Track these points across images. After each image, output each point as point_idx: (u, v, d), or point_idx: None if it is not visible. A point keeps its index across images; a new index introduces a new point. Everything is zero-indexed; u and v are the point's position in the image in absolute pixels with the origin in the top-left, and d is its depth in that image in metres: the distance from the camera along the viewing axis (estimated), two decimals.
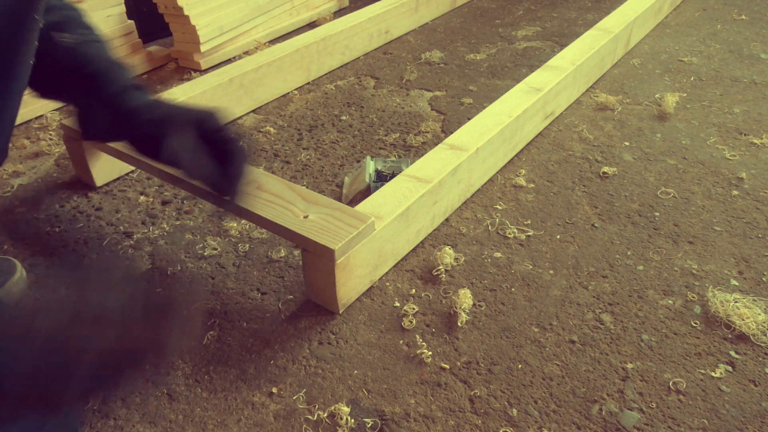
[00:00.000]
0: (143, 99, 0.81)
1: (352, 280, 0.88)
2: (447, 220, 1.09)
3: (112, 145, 1.06)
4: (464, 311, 0.88)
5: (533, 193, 1.16)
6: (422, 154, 1.17)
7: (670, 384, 0.78)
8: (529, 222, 1.08)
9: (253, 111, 1.49)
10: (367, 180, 1.12)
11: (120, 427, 0.74)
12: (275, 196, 0.90)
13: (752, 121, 1.38)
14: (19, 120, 1.40)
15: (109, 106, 0.73)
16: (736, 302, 0.88)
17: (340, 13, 2.16)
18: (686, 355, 0.82)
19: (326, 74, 1.68)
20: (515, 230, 1.06)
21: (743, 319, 0.85)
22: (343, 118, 1.45)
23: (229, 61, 1.79)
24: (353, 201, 1.11)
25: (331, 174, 1.23)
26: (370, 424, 0.74)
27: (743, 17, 1.99)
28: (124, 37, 1.69)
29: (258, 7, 1.85)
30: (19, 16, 0.54)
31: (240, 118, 1.46)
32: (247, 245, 1.03)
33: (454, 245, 1.03)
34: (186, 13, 1.66)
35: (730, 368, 0.80)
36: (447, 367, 0.81)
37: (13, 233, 1.08)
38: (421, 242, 1.04)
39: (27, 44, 0.57)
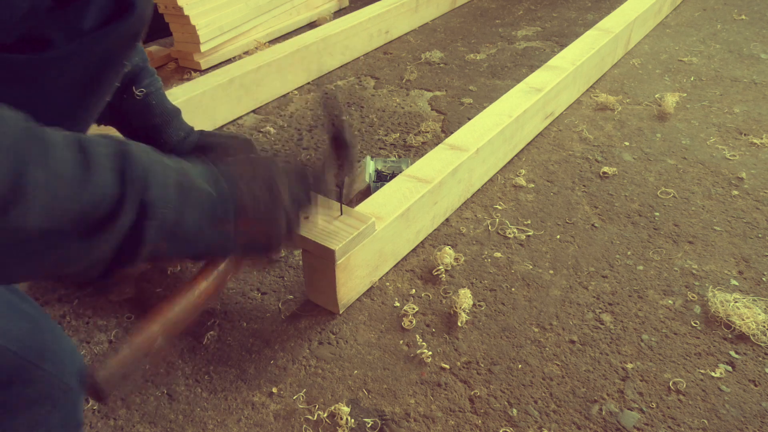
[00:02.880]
0: (195, 141, 0.96)
1: (353, 281, 0.88)
2: (447, 220, 1.09)
3: None
4: (464, 311, 0.88)
5: (533, 193, 1.16)
6: (422, 154, 1.17)
7: (670, 384, 0.78)
8: (529, 222, 1.08)
9: (253, 111, 1.49)
10: (367, 180, 1.12)
11: (120, 427, 0.74)
12: None
13: (752, 121, 1.38)
14: None
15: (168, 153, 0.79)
16: (736, 302, 0.88)
17: (340, 13, 2.16)
18: (686, 355, 0.82)
19: (326, 74, 1.68)
20: (515, 230, 1.06)
21: (743, 319, 0.85)
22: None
23: (229, 61, 1.79)
24: (353, 201, 1.11)
25: None
26: (370, 424, 0.74)
27: (743, 17, 1.99)
28: None
29: (258, 7, 1.84)
30: (111, 61, 0.60)
31: (240, 118, 1.46)
32: None
33: (454, 245, 1.03)
34: (186, 13, 1.66)
35: (730, 368, 0.80)
36: (447, 367, 0.81)
37: None
38: (421, 242, 1.04)
39: (110, 86, 0.64)
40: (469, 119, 1.19)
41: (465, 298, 0.89)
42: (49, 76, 0.56)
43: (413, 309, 0.90)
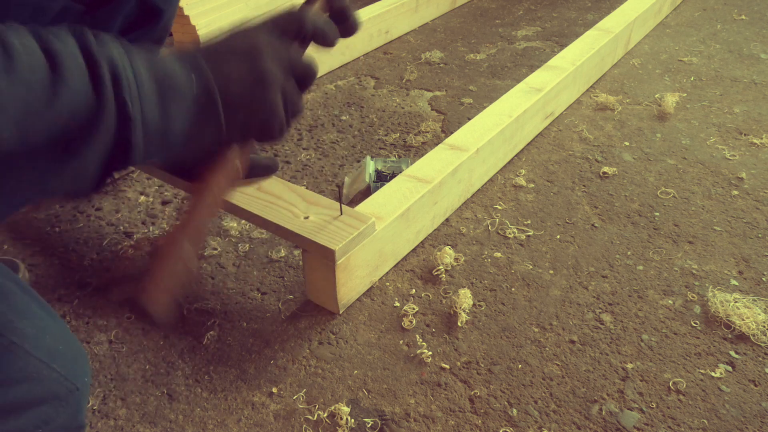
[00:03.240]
0: None
1: (353, 281, 0.88)
2: (447, 220, 1.09)
3: None
4: (464, 311, 0.88)
5: (533, 193, 1.16)
6: (422, 154, 1.17)
7: (670, 384, 0.78)
8: (529, 222, 1.08)
9: None
10: (367, 180, 1.12)
11: (120, 427, 0.74)
12: (275, 197, 0.90)
13: (752, 121, 1.38)
14: None
15: None
16: (736, 302, 0.88)
17: None
18: (686, 355, 0.82)
19: (326, 74, 1.68)
20: (515, 230, 1.06)
21: (743, 319, 0.85)
22: (343, 118, 1.45)
23: None
24: (353, 201, 1.11)
25: (331, 174, 1.23)
26: (370, 424, 0.74)
27: (743, 17, 1.99)
28: None
29: (258, 7, 1.85)
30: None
31: None
32: (247, 245, 1.03)
33: (454, 245, 1.03)
34: (186, 13, 1.66)
35: (730, 368, 0.80)
36: (447, 367, 0.81)
37: (14, 233, 1.08)
38: (421, 242, 1.04)
39: None
40: (469, 119, 1.19)
41: (465, 298, 0.89)
42: None
43: (413, 309, 0.90)
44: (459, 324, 0.87)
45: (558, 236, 1.04)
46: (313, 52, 0.61)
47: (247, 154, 0.60)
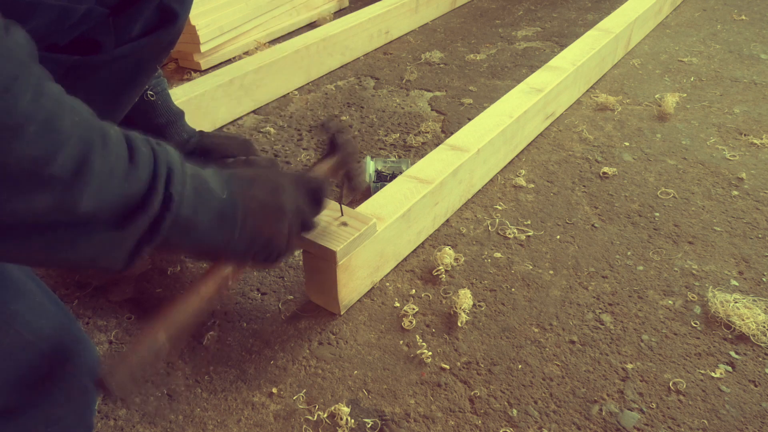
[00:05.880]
0: (196, 143, 1.00)
1: (354, 282, 0.88)
2: (447, 220, 1.09)
3: None
4: (464, 311, 0.88)
5: (533, 193, 1.16)
6: (422, 155, 1.17)
7: (670, 384, 0.78)
8: (529, 222, 1.08)
9: (253, 111, 1.49)
10: (368, 180, 1.12)
11: (120, 428, 0.74)
12: None
13: (752, 121, 1.38)
14: None
15: None
16: (736, 302, 0.88)
17: (340, 13, 2.16)
18: (686, 355, 0.82)
19: (326, 74, 1.68)
20: (515, 230, 1.06)
21: (743, 320, 0.85)
22: (343, 118, 1.45)
23: (229, 61, 1.79)
24: (353, 201, 1.11)
25: None
26: (370, 424, 0.74)
27: (743, 17, 1.99)
28: None
29: (258, 7, 1.85)
30: (148, 65, 0.66)
31: (240, 118, 1.46)
32: None
33: (454, 245, 1.03)
34: None
35: (730, 368, 0.80)
36: (447, 367, 0.81)
37: None
38: (421, 242, 1.04)
39: (143, 87, 0.69)
40: (469, 119, 1.19)
41: (465, 298, 0.89)
42: (93, 76, 0.59)
43: (413, 309, 0.90)
44: (459, 324, 0.87)
45: (558, 236, 1.04)
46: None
47: (241, 272, 0.67)
